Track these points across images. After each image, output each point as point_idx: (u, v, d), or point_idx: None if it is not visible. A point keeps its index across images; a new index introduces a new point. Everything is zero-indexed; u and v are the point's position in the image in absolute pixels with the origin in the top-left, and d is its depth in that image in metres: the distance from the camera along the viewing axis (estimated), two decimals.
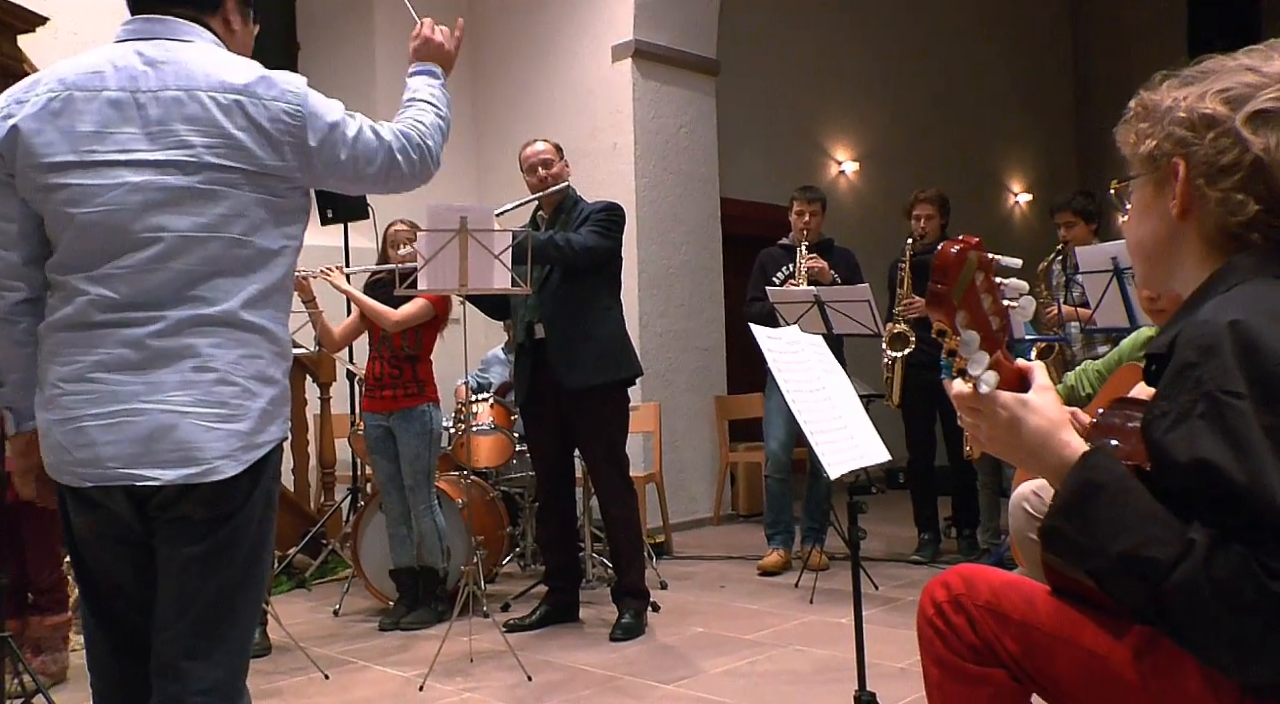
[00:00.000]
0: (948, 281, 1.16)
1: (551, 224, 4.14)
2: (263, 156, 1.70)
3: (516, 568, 5.25)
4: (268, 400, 1.71)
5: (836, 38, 8.97)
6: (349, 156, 1.80)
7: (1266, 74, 1.21)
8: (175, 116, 1.66)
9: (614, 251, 4.09)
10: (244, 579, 1.71)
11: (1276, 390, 1.06)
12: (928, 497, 5.38)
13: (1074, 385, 3.28)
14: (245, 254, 1.70)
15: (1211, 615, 1.05)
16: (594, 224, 4.01)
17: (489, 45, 7.22)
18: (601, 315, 4.05)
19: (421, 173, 1.94)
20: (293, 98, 1.73)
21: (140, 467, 1.61)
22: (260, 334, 1.71)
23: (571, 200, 4.18)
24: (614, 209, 4.11)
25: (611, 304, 4.12)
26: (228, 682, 1.69)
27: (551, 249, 3.88)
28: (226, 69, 1.71)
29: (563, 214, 4.14)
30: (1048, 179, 11.32)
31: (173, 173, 1.65)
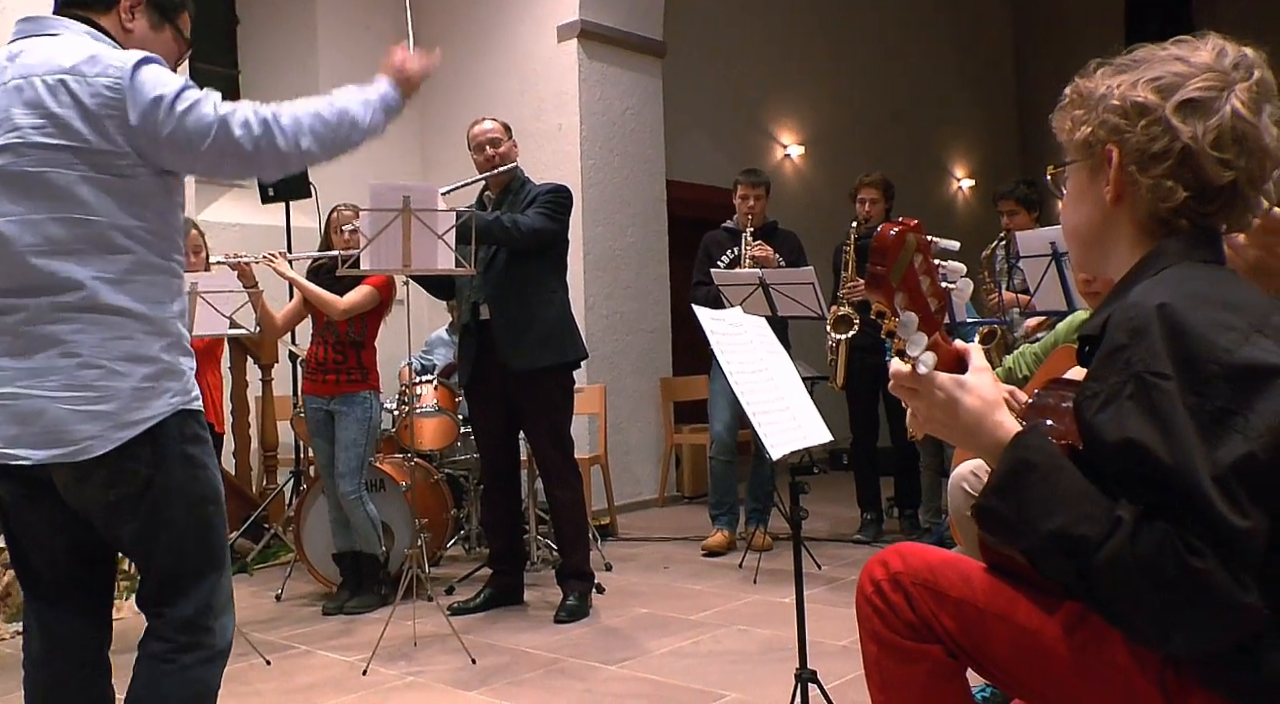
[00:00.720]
0: (886, 263, 1.17)
1: (498, 205, 4.10)
2: (87, 134, 1.73)
3: (461, 551, 5.23)
4: (140, 378, 1.77)
5: (783, 22, 8.98)
6: (174, 131, 1.77)
7: (1194, 64, 1.25)
8: (15, 103, 1.74)
9: (560, 234, 4.07)
10: (193, 534, 1.85)
11: (1200, 372, 1.09)
12: (871, 477, 5.45)
13: (1012, 367, 3.33)
14: (90, 233, 1.74)
15: (1135, 590, 1.08)
16: (541, 206, 3.97)
17: (432, 23, 7.10)
18: (547, 297, 4.03)
19: (270, 157, 1.87)
20: (115, 72, 1.74)
21: (16, 446, 1.73)
22: (125, 316, 1.76)
23: (519, 181, 4.14)
24: (561, 191, 4.08)
25: (557, 287, 4.10)
26: (200, 614, 1.86)
27: (498, 230, 3.85)
28: (63, 53, 1.76)
29: (510, 195, 4.10)
30: (990, 164, 11.47)
31: (6, 157, 1.73)
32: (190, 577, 1.85)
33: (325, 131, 1.92)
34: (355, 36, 6.81)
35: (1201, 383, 1.09)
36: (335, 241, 4.23)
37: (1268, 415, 1.08)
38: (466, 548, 5.22)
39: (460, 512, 5.19)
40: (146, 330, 1.79)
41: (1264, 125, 1.24)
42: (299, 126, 1.88)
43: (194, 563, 1.86)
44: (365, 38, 6.81)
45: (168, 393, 1.80)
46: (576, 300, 6.17)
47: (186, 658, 1.84)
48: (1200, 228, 1.27)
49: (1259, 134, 1.23)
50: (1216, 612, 1.06)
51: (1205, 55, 1.26)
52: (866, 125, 9.67)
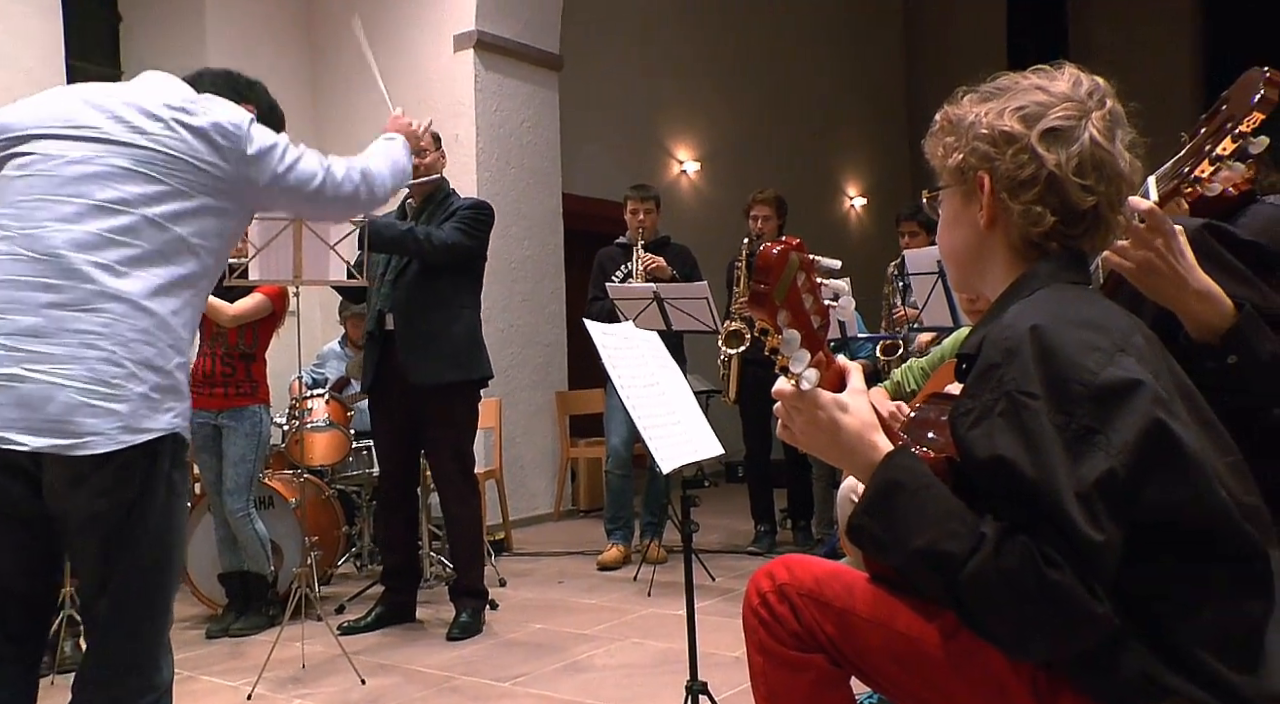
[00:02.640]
0: (769, 281, 1.19)
1: (419, 214, 4.04)
2: (202, 154, 1.89)
3: (353, 568, 5.12)
4: (152, 387, 1.75)
5: (680, 39, 9.09)
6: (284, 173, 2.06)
7: (1054, 94, 1.31)
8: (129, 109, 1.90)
9: (476, 251, 4.00)
10: (155, 563, 1.80)
11: (1067, 392, 1.14)
12: (763, 489, 5.53)
13: (900, 381, 3.43)
14: (161, 239, 1.81)
15: (998, 602, 1.13)
16: (459, 221, 3.91)
17: (327, 28, 7.00)
18: (455, 313, 3.97)
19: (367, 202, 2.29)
20: (236, 117, 1.96)
21: (12, 430, 1.67)
22: (156, 322, 1.78)
23: (443, 193, 4.08)
24: (483, 209, 4.03)
25: (468, 303, 4.04)
26: (144, 661, 1.80)
27: (410, 242, 3.79)
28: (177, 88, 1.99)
29: (432, 205, 4.04)
30: (883, 183, 11.79)
31: (110, 148, 1.84)
32: (144, 611, 1.79)
33: (396, 176, 2.36)
34: (246, 36, 6.63)
35: (1068, 403, 1.14)
36: None
37: (1125, 432, 1.13)
38: (358, 565, 5.11)
39: (352, 528, 5.09)
40: (169, 342, 1.80)
41: (1118, 151, 1.31)
42: (382, 175, 2.28)
43: (150, 594, 1.80)
44: (256, 37, 6.66)
45: (170, 411, 1.80)
46: None
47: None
48: (1069, 250, 1.34)
49: (1114, 160, 1.30)
50: (1071, 621, 1.11)
51: (1063, 85, 1.33)
52: (762, 143, 9.85)
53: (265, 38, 6.71)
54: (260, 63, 6.67)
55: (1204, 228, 1.56)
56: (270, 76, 2.35)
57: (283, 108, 2.31)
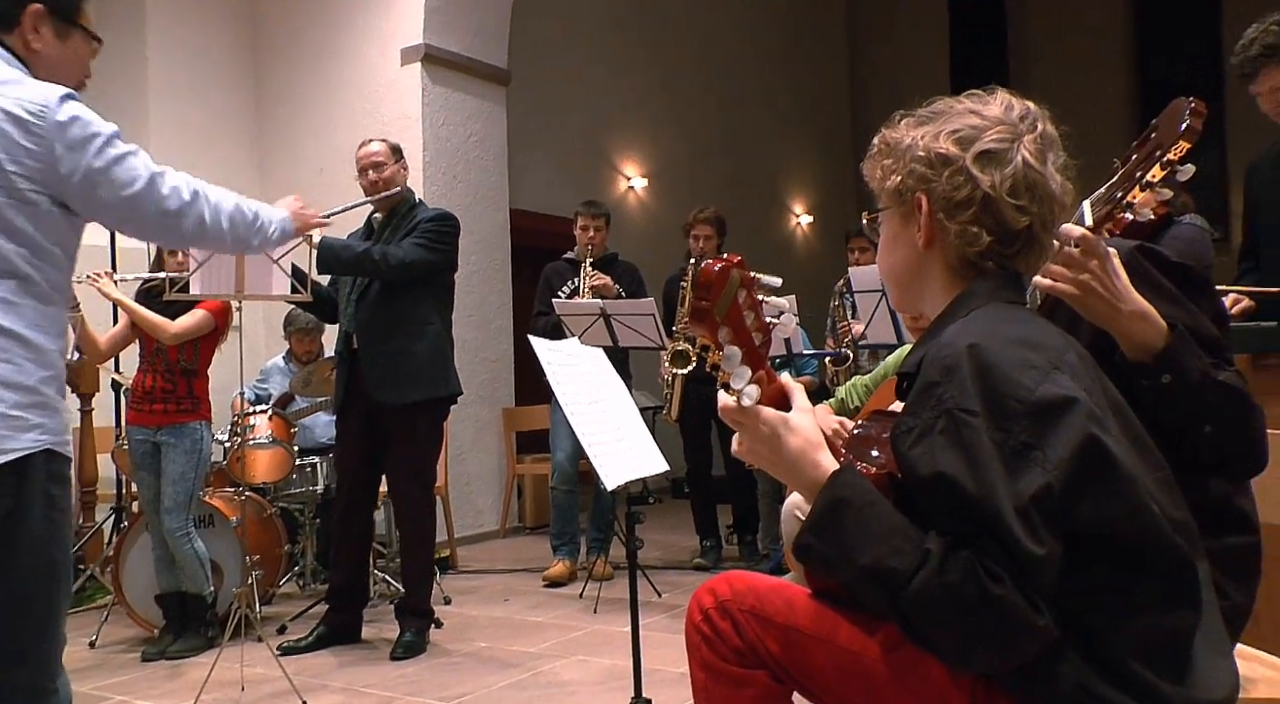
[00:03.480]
0: (710, 298, 1.20)
1: (384, 229, 3.99)
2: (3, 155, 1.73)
3: (295, 588, 5.04)
4: (9, 405, 1.70)
5: (628, 56, 9.14)
6: (98, 172, 1.83)
7: (988, 117, 1.34)
8: None
9: (439, 265, 3.95)
10: (40, 582, 1.74)
11: (1004, 409, 1.16)
12: (708, 505, 5.55)
13: (844, 398, 3.46)
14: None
15: (943, 616, 1.14)
16: (420, 235, 3.86)
17: (271, 40, 6.93)
18: (419, 330, 3.92)
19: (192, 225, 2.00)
20: (40, 101, 1.75)
21: None
22: (9, 337, 1.71)
23: (408, 205, 4.03)
24: (445, 220, 3.98)
25: (434, 318, 3.99)
26: (44, 676, 1.75)
27: (367, 264, 3.75)
28: None
29: (396, 218, 3.99)
30: (829, 201, 11.92)
31: None
32: (33, 631, 1.74)
33: (241, 224, 2.05)
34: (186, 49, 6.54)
35: (1006, 419, 1.16)
36: (168, 263, 4.01)
37: (1061, 448, 1.15)
38: (301, 584, 5.03)
39: (295, 547, 5.00)
40: (29, 357, 1.73)
41: (1049, 173, 1.34)
42: (223, 209, 1.99)
43: (38, 613, 1.75)
44: (197, 51, 6.57)
45: (38, 429, 1.74)
46: None
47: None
48: (1004, 270, 1.37)
49: (1046, 182, 1.34)
50: (1013, 633, 1.13)
51: (995, 109, 1.36)
52: (709, 160, 9.92)
53: (209, 47, 6.63)
54: (200, 84, 6.59)
55: (1136, 250, 1.60)
56: (214, 80, 2.27)
57: (227, 116, 2.27)
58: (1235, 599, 1.51)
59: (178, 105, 6.44)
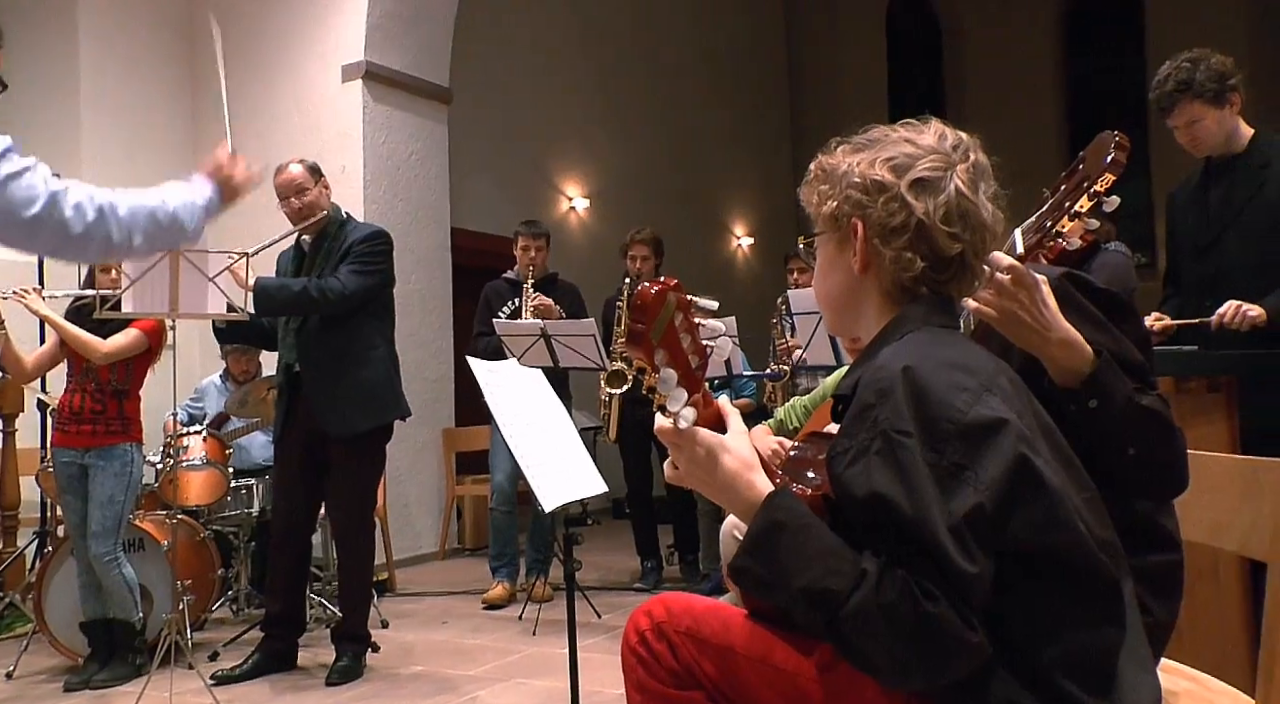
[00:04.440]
0: (646, 320, 1.21)
1: (314, 251, 3.91)
2: None
3: (229, 613, 4.92)
4: None
5: (570, 77, 9.17)
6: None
7: (922, 146, 1.37)
8: None
9: (378, 287, 3.89)
10: None
11: (938, 430, 1.19)
12: (648, 525, 5.55)
13: (783, 419, 3.48)
14: None
15: (880, 636, 1.15)
16: (354, 260, 3.79)
17: (209, 54, 6.84)
18: (364, 356, 3.85)
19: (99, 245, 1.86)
20: None
21: None
22: None
23: (337, 224, 3.94)
24: (378, 238, 3.90)
25: (378, 342, 3.93)
26: None
27: (306, 302, 3.68)
28: None
29: (327, 239, 3.91)
30: (769, 223, 12.04)
31: None
32: None
33: (156, 232, 1.90)
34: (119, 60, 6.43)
35: (939, 440, 1.18)
36: (100, 279, 3.91)
37: (992, 468, 1.18)
38: (235, 609, 4.91)
39: (229, 571, 4.90)
40: None
41: (981, 201, 1.37)
42: (134, 222, 1.85)
43: None
44: (131, 62, 6.46)
45: None
46: None
47: None
48: (938, 295, 1.39)
49: (978, 210, 1.37)
50: (948, 651, 1.14)
51: (929, 138, 1.39)
52: (650, 181, 9.97)
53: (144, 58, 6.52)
54: (134, 90, 6.48)
55: (1064, 277, 1.64)
56: (149, 93, 2.17)
57: (162, 130, 2.12)
58: (1159, 615, 1.55)
59: (110, 118, 6.32)
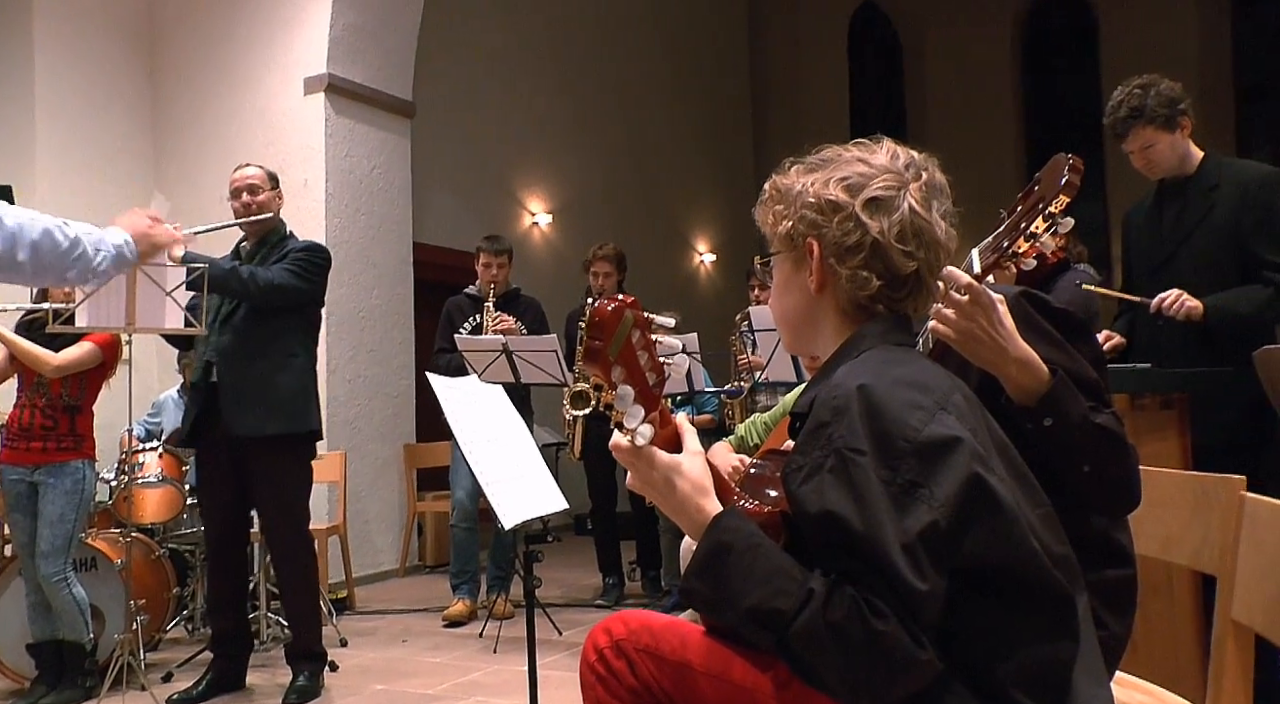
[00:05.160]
0: (603, 338, 1.21)
1: (253, 256, 3.88)
2: None
3: (184, 633, 4.84)
4: None
5: (535, 92, 9.18)
6: None
7: (875, 166, 1.39)
8: None
9: (308, 295, 3.85)
10: None
11: (892, 448, 1.19)
12: (611, 542, 5.54)
13: (744, 436, 3.49)
14: None
15: (828, 654, 1.16)
16: (290, 262, 3.77)
17: (170, 67, 6.78)
18: (283, 361, 3.80)
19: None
20: None
21: None
22: None
23: (279, 235, 3.93)
24: (317, 250, 3.89)
25: (299, 351, 3.87)
26: None
27: (234, 281, 3.61)
28: None
29: (266, 247, 3.89)
30: (731, 240, 12.09)
31: None
32: None
33: (49, 253, 1.81)
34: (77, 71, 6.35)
35: (893, 458, 1.19)
36: (53, 293, 3.83)
37: (947, 486, 1.19)
38: (190, 629, 4.83)
39: (185, 590, 4.82)
40: None
41: (934, 220, 1.39)
42: (21, 235, 1.77)
43: None
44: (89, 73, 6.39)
45: None
46: (319, 363, 5.97)
47: None
48: (894, 313, 1.41)
49: (932, 228, 1.38)
50: (898, 668, 1.15)
51: (882, 158, 1.41)
52: (613, 197, 9.99)
53: (103, 69, 6.45)
54: (98, 91, 6.41)
55: (1021, 296, 1.66)
56: (108, 105, 2.14)
57: (122, 142, 2.09)
58: (1114, 629, 1.57)
59: (68, 130, 6.23)
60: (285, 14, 6.45)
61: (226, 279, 3.60)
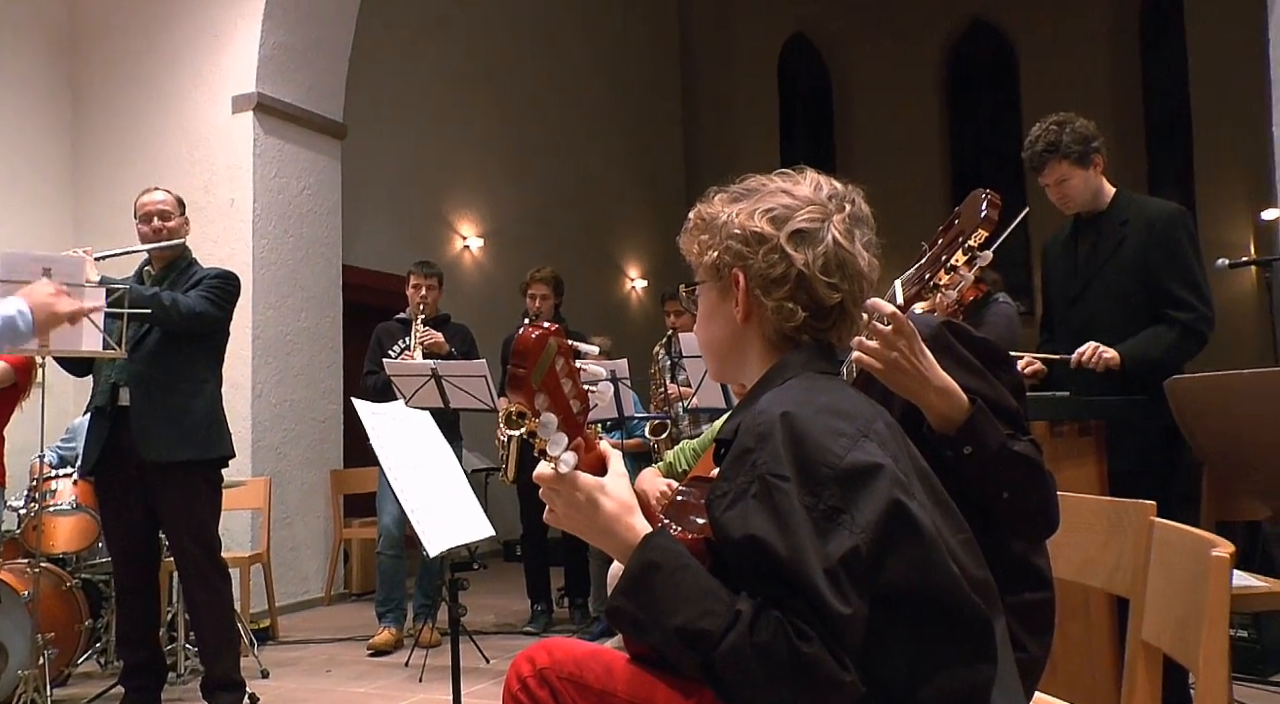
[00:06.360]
0: (527, 365, 1.21)
1: (159, 282, 3.80)
2: None
3: (96, 666, 4.66)
4: None
5: (467, 116, 9.15)
6: None
7: (799, 197, 1.41)
8: None
9: (221, 322, 3.81)
10: None
11: (815, 474, 1.21)
12: (540, 568, 5.50)
13: (672, 462, 3.50)
14: None
15: (754, 676, 1.16)
16: (207, 289, 3.71)
17: (92, 82, 6.63)
18: (196, 387, 3.74)
19: None
20: None
21: None
22: None
23: (186, 261, 3.87)
24: (230, 278, 3.85)
25: (208, 377, 3.82)
26: None
27: (156, 307, 3.54)
28: None
29: (173, 273, 3.81)
30: (662, 266, 12.17)
31: None
32: None
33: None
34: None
35: (816, 484, 1.20)
36: None
37: (868, 512, 1.20)
38: (102, 663, 4.66)
39: (97, 622, 4.65)
40: None
41: (858, 251, 1.41)
42: None
43: None
44: (5, 89, 6.22)
45: None
46: (243, 387, 5.88)
47: None
48: (818, 342, 1.43)
49: (855, 259, 1.41)
50: (822, 691, 1.16)
51: (806, 189, 1.43)
52: (545, 222, 9.99)
53: (19, 86, 6.29)
54: (13, 108, 6.24)
55: (943, 326, 1.69)
56: (25, 122, 2.06)
57: (39, 160, 2.03)
58: (1032, 651, 1.60)
59: None
60: (214, 31, 6.35)
61: (149, 304, 3.54)
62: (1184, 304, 3.06)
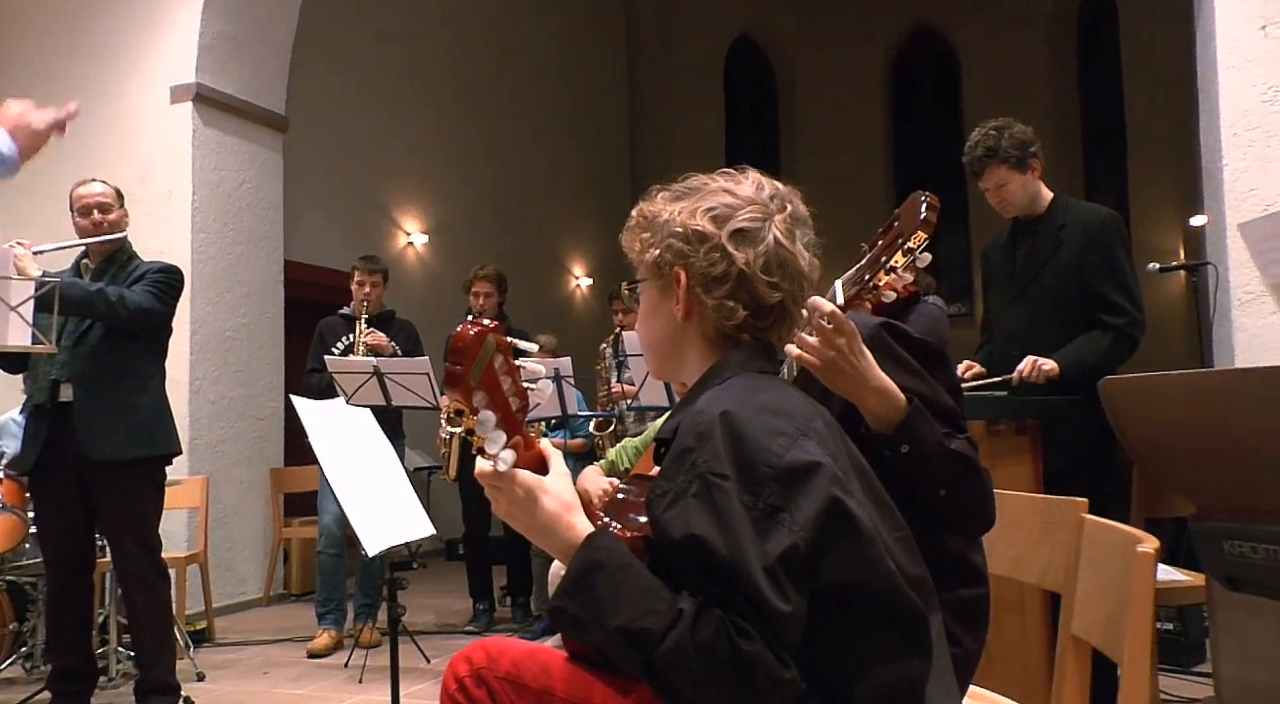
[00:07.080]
0: (464, 362, 1.20)
1: (98, 276, 3.71)
2: None
3: (21, 671, 4.53)
4: None
5: (412, 109, 9.07)
6: None
7: (740, 197, 1.42)
8: None
9: (166, 318, 3.73)
10: None
11: (754, 473, 1.21)
12: (482, 567, 5.47)
13: (615, 460, 3.51)
14: None
15: (695, 674, 1.17)
16: (151, 284, 3.63)
17: (16, 68, 6.45)
18: (141, 383, 3.66)
19: None
20: None
21: None
22: None
23: (126, 254, 3.78)
24: (174, 273, 3.76)
25: (153, 372, 3.74)
26: None
27: (100, 303, 3.47)
28: None
29: (113, 267, 3.73)
30: (607, 265, 12.16)
31: None
32: None
33: None
34: None
35: (755, 483, 1.21)
36: None
37: (807, 510, 1.21)
38: (28, 667, 4.52)
39: (23, 625, 4.52)
40: None
41: (798, 251, 1.43)
42: None
43: None
44: None
45: None
46: (181, 383, 5.76)
47: None
48: (759, 341, 1.43)
49: (796, 259, 1.42)
50: (763, 688, 1.16)
51: (748, 189, 1.44)
52: (490, 219, 9.94)
53: None
54: None
55: (881, 326, 1.71)
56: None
57: None
58: (967, 646, 1.62)
59: None
60: (150, 19, 6.22)
61: (92, 300, 3.46)
62: (1117, 309, 3.13)
